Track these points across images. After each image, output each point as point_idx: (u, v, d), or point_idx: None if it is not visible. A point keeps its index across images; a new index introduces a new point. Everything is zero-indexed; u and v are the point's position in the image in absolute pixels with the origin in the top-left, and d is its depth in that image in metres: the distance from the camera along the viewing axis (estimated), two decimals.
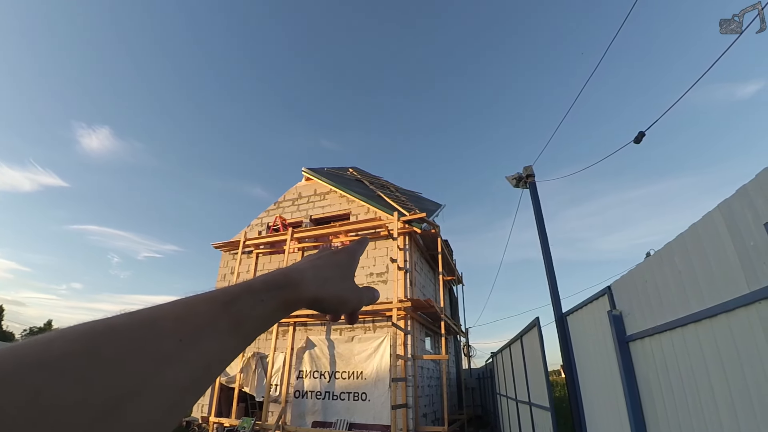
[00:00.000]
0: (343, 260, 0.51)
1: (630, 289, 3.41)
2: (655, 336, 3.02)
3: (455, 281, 18.04)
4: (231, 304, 0.35)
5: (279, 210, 14.79)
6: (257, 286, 0.39)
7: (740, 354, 2.19)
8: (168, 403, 0.29)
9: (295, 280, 0.42)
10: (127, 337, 0.28)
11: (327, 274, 0.47)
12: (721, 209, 2.29)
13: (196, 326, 0.32)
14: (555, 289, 6.35)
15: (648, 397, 3.20)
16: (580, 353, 4.94)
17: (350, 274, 0.52)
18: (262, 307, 0.37)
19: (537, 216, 7.09)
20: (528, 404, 6.88)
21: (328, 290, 0.45)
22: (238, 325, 0.35)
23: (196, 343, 0.31)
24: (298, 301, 0.42)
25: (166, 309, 0.32)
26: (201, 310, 0.33)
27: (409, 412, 9.63)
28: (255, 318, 0.37)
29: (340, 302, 0.47)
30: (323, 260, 0.49)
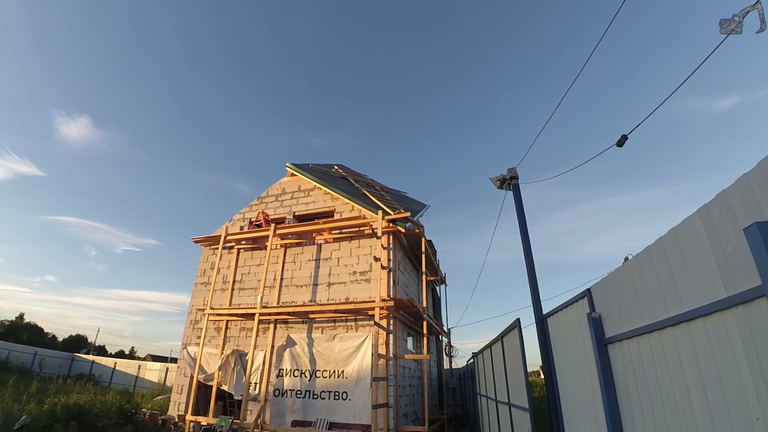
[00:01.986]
0: None
1: (609, 292, 3.43)
2: (633, 339, 3.04)
3: (438, 281, 18.12)
4: None
5: (262, 205, 14.58)
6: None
7: (716, 357, 2.20)
8: None
9: None
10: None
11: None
12: (701, 214, 2.30)
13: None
14: (536, 291, 6.40)
15: (625, 398, 3.22)
16: (560, 355, 4.97)
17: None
18: None
19: (519, 217, 7.13)
20: (507, 405, 6.92)
21: None
22: None
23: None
24: None
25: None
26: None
27: (389, 411, 9.61)
28: None
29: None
30: None
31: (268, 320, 11.72)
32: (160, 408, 14.43)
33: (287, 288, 12.22)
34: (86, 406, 10.73)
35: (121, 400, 12.31)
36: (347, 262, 11.81)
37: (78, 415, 10.27)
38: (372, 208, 12.13)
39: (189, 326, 13.29)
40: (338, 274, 11.75)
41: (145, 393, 21.06)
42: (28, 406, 11.29)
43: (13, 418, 9.75)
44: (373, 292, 10.82)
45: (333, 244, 12.31)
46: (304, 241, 12.73)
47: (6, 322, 43.49)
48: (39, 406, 10.80)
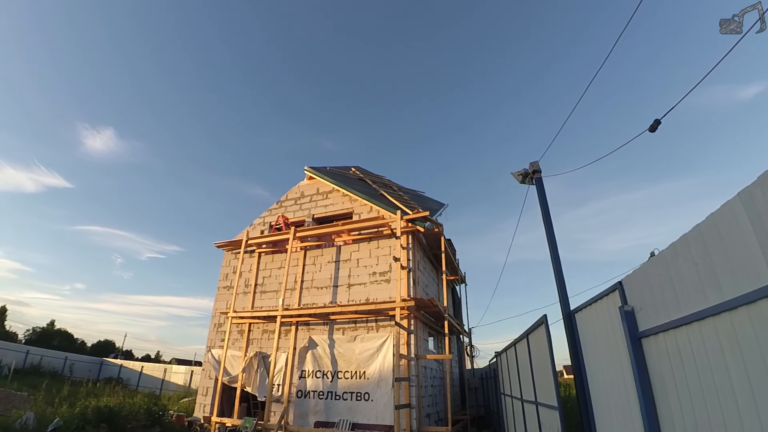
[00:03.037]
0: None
1: (642, 284, 3.31)
2: (670, 331, 2.93)
3: (458, 281, 17.96)
4: None
5: (281, 209, 14.72)
6: None
7: (762, 348, 2.10)
8: None
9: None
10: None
11: None
12: (742, 197, 2.20)
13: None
14: (563, 286, 6.25)
15: (662, 395, 3.10)
16: (589, 351, 4.84)
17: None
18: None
19: (544, 212, 6.99)
20: (534, 403, 6.78)
21: None
22: None
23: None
24: None
25: None
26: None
27: (412, 412, 9.54)
28: None
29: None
30: None
31: (290, 322, 11.79)
32: (186, 410, 14.68)
33: (308, 290, 12.28)
34: (116, 409, 10.99)
35: (149, 403, 12.57)
36: (367, 263, 11.81)
37: (108, 417, 10.52)
38: (390, 209, 12.10)
39: (213, 329, 13.49)
40: (358, 275, 11.75)
41: (171, 395, 21.46)
42: (60, 409, 11.64)
43: (47, 421, 10.05)
44: (393, 292, 10.78)
45: (352, 245, 12.32)
46: (324, 243, 12.78)
47: (38, 328, 45.07)
48: (71, 409, 11.11)
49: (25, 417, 9.84)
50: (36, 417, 10.05)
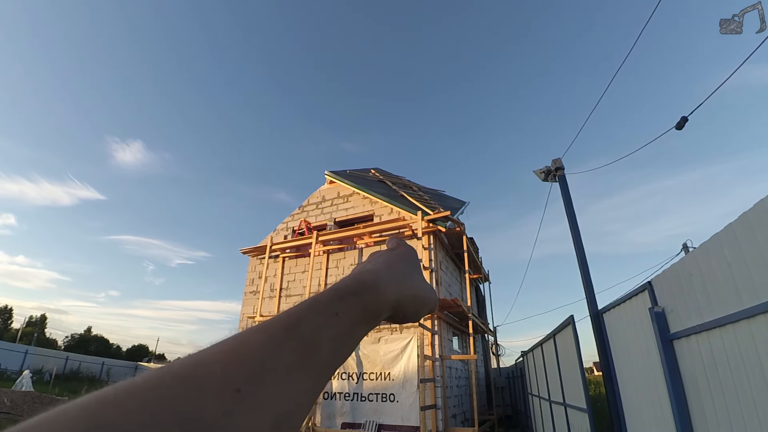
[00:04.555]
0: (407, 254, 0.43)
1: (673, 284, 3.24)
2: (703, 333, 2.86)
3: (482, 279, 17.80)
4: (295, 328, 0.26)
5: (303, 214, 14.92)
6: (327, 298, 0.30)
7: None
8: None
9: (371, 282, 0.33)
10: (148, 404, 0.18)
11: (402, 269, 0.39)
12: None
13: (254, 367, 0.23)
14: (590, 286, 6.13)
15: (695, 398, 3.03)
16: (619, 352, 4.74)
17: (419, 267, 0.43)
18: (337, 324, 0.29)
19: (568, 210, 6.87)
20: (563, 405, 6.68)
21: (409, 288, 0.38)
22: (311, 354, 0.26)
23: (259, 390, 0.22)
24: (380, 306, 0.33)
25: (212, 354, 0.23)
26: (259, 342, 0.24)
27: (438, 413, 9.53)
28: (332, 340, 0.28)
29: (422, 302, 0.39)
30: (389, 257, 0.40)
31: None
32: None
33: None
34: None
35: None
36: None
37: None
38: (411, 210, 12.11)
39: None
40: None
41: None
42: None
43: None
44: None
45: (374, 247, 12.38)
46: (346, 246, 12.89)
47: (76, 335, 47.04)
48: None
49: None
50: None
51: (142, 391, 0.19)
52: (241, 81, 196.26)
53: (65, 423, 0.17)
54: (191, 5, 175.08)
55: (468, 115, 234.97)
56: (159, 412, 0.18)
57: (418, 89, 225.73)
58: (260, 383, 0.22)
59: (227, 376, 0.21)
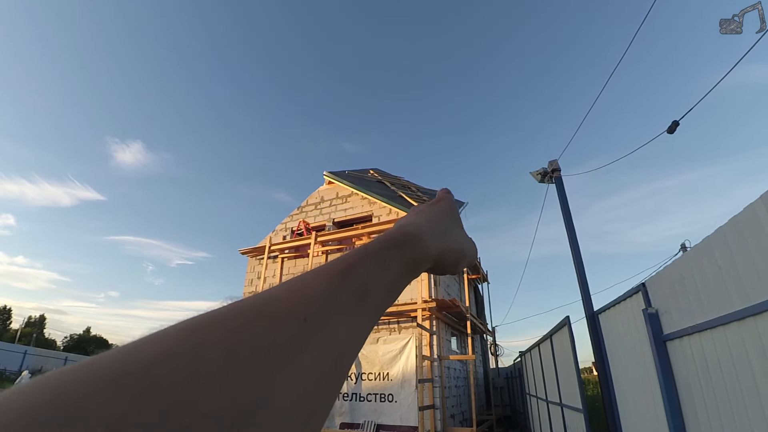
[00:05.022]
0: (448, 209, 0.46)
1: (666, 286, 3.27)
2: (695, 335, 2.89)
3: (480, 279, 17.84)
4: (350, 272, 0.28)
5: (302, 214, 14.94)
6: (375, 247, 0.32)
7: None
8: (303, 411, 0.21)
9: (415, 234, 0.36)
10: (236, 328, 0.21)
11: (443, 224, 0.42)
12: (764, 200, 2.16)
13: (319, 305, 0.25)
14: (585, 287, 6.17)
15: (688, 399, 3.06)
16: (614, 353, 4.78)
17: (459, 220, 0.47)
18: (386, 271, 0.31)
19: (564, 212, 6.91)
20: (559, 405, 6.72)
21: (450, 243, 0.40)
22: (364, 297, 0.28)
23: (324, 323, 0.24)
24: (423, 258, 0.36)
25: (279, 291, 0.25)
26: (319, 283, 0.27)
27: (436, 413, 9.56)
28: (382, 286, 0.30)
29: (461, 254, 0.42)
30: (430, 211, 0.43)
31: None
32: None
33: None
34: None
35: None
36: None
37: None
38: (409, 210, 12.13)
39: None
40: None
41: None
42: None
43: None
44: (414, 293, 10.81)
45: None
46: (345, 246, 12.92)
47: (75, 336, 47.04)
48: None
49: None
50: None
51: (228, 319, 0.21)
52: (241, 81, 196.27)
53: (163, 343, 0.19)
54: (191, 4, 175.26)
55: (468, 115, 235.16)
56: (244, 335, 0.21)
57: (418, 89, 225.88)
58: (324, 318, 0.25)
59: (295, 309, 0.24)
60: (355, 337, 0.27)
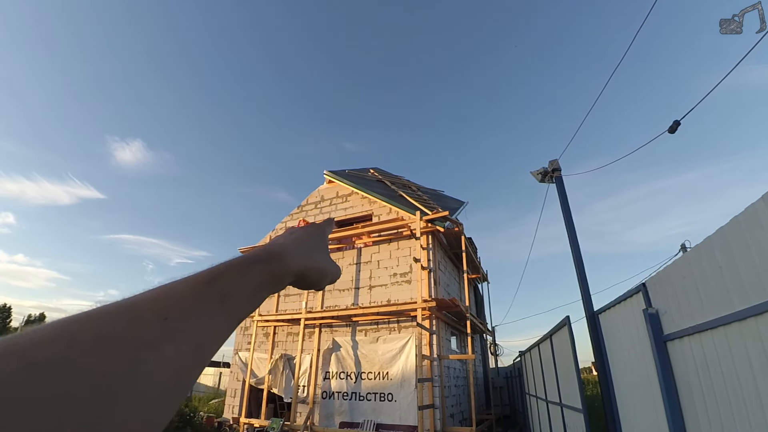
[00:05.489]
0: (316, 233, 0.52)
1: (666, 286, 3.26)
2: (695, 335, 2.88)
3: (480, 279, 17.83)
4: (216, 281, 0.34)
5: (302, 213, 14.93)
6: (240, 262, 0.38)
7: None
8: (160, 390, 0.26)
9: (277, 253, 0.42)
10: (105, 322, 0.26)
11: (308, 246, 0.47)
12: (765, 200, 2.16)
13: (181, 306, 0.30)
14: (585, 287, 6.16)
15: (688, 399, 3.06)
16: (614, 353, 4.77)
17: (326, 247, 0.53)
18: (247, 281, 0.36)
19: (564, 212, 6.90)
20: (559, 405, 6.71)
21: (312, 263, 0.46)
22: (225, 302, 0.33)
23: (184, 322, 0.29)
24: (284, 274, 0.41)
25: (147, 294, 0.30)
26: (185, 289, 0.32)
27: (436, 412, 9.55)
28: (242, 295, 0.35)
29: (322, 274, 0.48)
30: (299, 234, 0.49)
31: (313, 324, 11.97)
32: (215, 411, 15.08)
33: (330, 292, 12.43)
34: None
35: (181, 405, 12.96)
36: (387, 264, 11.87)
37: None
38: (409, 210, 12.13)
39: (239, 333, 13.80)
40: (379, 276, 11.83)
41: (201, 397, 22.05)
42: None
43: None
44: (414, 293, 10.81)
45: (372, 247, 12.41)
46: (344, 246, 12.91)
47: None
48: None
49: None
50: None
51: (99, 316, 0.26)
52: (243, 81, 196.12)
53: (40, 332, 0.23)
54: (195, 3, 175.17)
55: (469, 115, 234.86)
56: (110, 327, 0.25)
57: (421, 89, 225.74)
58: (185, 318, 0.29)
59: (157, 309, 0.28)
60: (216, 333, 0.32)
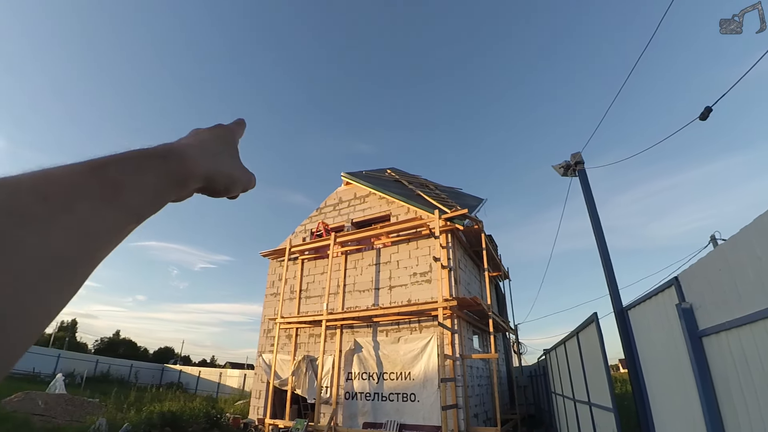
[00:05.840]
0: (225, 135, 0.46)
1: (701, 280, 3.13)
2: (733, 330, 2.75)
3: (501, 277, 17.60)
4: (100, 169, 0.30)
5: (321, 216, 15.03)
6: (132, 154, 0.33)
7: None
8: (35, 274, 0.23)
9: (178, 151, 0.37)
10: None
11: (215, 149, 0.42)
12: None
13: (62, 188, 0.26)
14: (613, 282, 5.99)
15: (726, 396, 2.92)
16: (645, 350, 4.62)
17: (236, 151, 0.48)
18: (143, 177, 0.32)
19: (589, 205, 6.72)
20: (588, 404, 6.54)
21: (220, 166, 0.42)
22: (114, 192, 0.29)
23: (66, 205, 0.26)
24: (188, 174, 0.37)
25: (25, 174, 0.26)
26: (64, 173, 0.28)
27: (459, 412, 9.46)
28: (138, 189, 0.31)
29: (231, 181, 0.44)
30: (205, 134, 0.44)
31: (335, 326, 12.01)
32: (241, 412, 15.29)
33: (350, 293, 12.46)
34: (177, 413, 11.63)
35: (207, 406, 13.20)
36: (406, 264, 11.82)
37: (171, 421, 11.16)
38: (428, 208, 12.06)
39: (263, 335, 13.98)
40: (398, 276, 11.79)
41: (226, 398, 22.40)
42: (128, 415, 12.46)
43: (117, 426, 10.80)
44: (435, 292, 10.73)
45: (391, 247, 12.38)
46: (364, 246, 12.92)
47: (105, 339, 48.55)
48: (138, 414, 11.87)
49: (98, 423, 10.62)
50: (108, 422, 10.82)
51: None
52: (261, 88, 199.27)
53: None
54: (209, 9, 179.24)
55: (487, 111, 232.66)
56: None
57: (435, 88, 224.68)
58: (66, 201, 0.26)
59: (36, 186, 0.25)
60: (107, 228, 0.28)
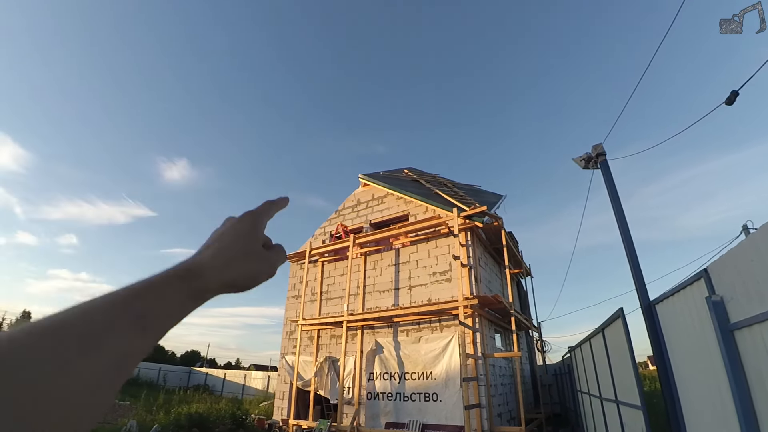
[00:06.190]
0: (245, 229, 0.49)
1: (732, 271, 3.02)
2: (766, 323, 2.65)
3: (523, 274, 17.36)
4: (131, 303, 0.35)
5: (340, 218, 15.12)
6: (158, 280, 0.39)
7: None
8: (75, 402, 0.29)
9: (196, 270, 0.42)
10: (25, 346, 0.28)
11: (228, 254, 0.45)
12: None
13: (95, 330, 0.32)
14: (639, 276, 5.83)
15: (761, 392, 2.81)
16: (674, 346, 4.48)
17: (254, 243, 0.49)
18: (165, 302, 0.38)
19: (612, 198, 6.56)
20: (615, 402, 6.39)
21: (234, 272, 0.45)
22: (142, 323, 0.35)
23: (98, 344, 0.31)
24: (205, 291, 0.42)
25: (64, 316, 0.32)
26: (100, 312, 0.33)
27: (482, 412, 9.37)
28: (160, 315, 0.37)
29: (250, 278, 0.46)
30: (224, 236, 0.47)
31: (356, 327, 12.06)
32: (265, 413, 15.51)
33: (370, 294, 12.50)
34: (204, 415, 11.89)
35: (233, 408, 13.46)
36: (426, 263, 11.78)
37: (198, 422, 11.42)
38: (446, 207, 11.99)
39: (285, 337, 14.14)
40: (418, 276, 11.76)
41: (251, 400, 22.76)
42: (157, 416, 12.79)
43: (147, 427, 11.11)
44: (455, 291, 10.66)
45: (410, 247, 12.36)
46: (383, 247, 12.94)
47: None
48: (166, 416, 12.18)
49: (129, 425, 10.95)
50: (138, 424, 11.14)
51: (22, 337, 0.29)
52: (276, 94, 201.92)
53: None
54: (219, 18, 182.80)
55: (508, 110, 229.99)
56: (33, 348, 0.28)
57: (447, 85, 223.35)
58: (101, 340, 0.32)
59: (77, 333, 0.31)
60: (133, 352, 0.34)
